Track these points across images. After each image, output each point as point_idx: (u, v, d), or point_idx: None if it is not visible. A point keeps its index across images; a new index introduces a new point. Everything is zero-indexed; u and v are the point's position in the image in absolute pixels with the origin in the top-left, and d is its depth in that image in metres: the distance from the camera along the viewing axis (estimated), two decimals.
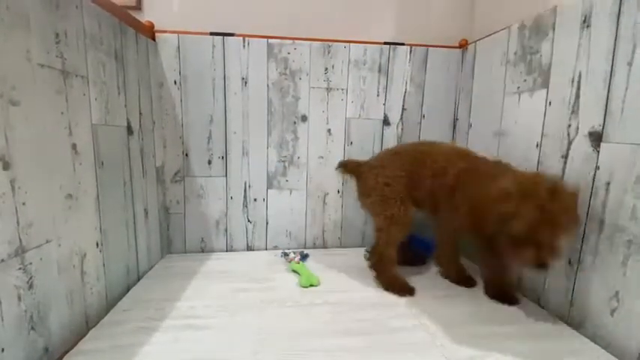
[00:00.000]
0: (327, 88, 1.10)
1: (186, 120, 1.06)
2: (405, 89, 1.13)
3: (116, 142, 0.79)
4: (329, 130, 1.12)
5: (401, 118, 1.15)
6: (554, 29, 0.75)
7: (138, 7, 1.03)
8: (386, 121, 1.14)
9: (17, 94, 0.51)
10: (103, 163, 0.73)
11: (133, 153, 0.86)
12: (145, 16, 1.03)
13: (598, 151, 0.66)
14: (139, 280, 0.89)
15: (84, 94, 0.66)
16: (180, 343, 0.63)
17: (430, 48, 1.12)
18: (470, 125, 1.08)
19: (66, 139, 0.62)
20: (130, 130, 0.84)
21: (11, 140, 0.50)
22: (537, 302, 0.80)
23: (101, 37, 0.72)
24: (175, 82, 1.04)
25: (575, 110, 0.70)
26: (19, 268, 0.51)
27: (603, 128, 0.65)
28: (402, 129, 1.15)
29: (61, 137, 0.61)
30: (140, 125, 0.90)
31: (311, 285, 0.87)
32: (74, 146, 0.64)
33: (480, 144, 1.02)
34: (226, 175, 1.10)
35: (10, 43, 0.49)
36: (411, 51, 1.11)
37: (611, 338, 0.63)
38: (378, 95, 1.13)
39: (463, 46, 1.12)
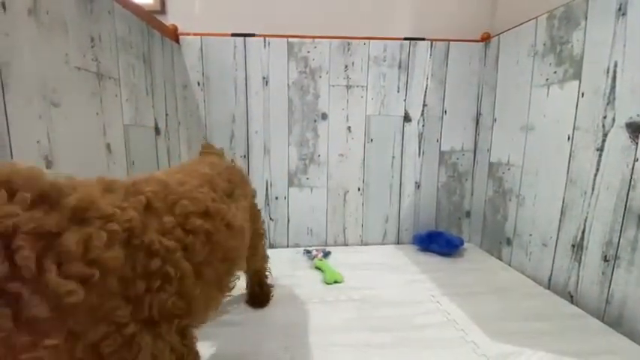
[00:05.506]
0: (347, 86, 1.10)
1: (209, 120, 1.08)
2: (426, 85, 1.12)
3: (145, 142, 0.81)
4: (349, 128, 1.12)
5: (422, 115, 1.13)
6: (586, 18, 0.73)
7: (162, 10, 1.06)
8: (407, 118, 1.13)
9: (58, 97, 0.53)
10: (133, 163, 0.75)
11: (161, 152, 0.88)
12: (169, 20, 1.05)
13: (637, 143, 0.63)
14: None
15: (116, 96, 0.69)
16: (211, 339, 0.64)
17: (451, 42, 1.10)
18: (494, 120, 1.05)
19: (101, 138, 0.64)
20: (157, 130, 0.86)
21: (53, 140, 0.52)
22: (570, 299, 0.77)
23: (131, 40, 0.74)
24: (199, 84, 1.06)
25: (610, 101, 0.68)
26: None
27: None
28: (423, 125, 1.14)
29: (97, 137, 0.63)
30: (166, 126, 0.92)
31: (335, 282, 0.87)
32: (108, 146, 0.66)
33: (506, 138, 1.00)
34: (248, 174, 1.12)
35: (50, 47, 0.52)
36: (431, 46, 1.10)
37: None
38: (398, 91, 1.12)
39: (485, 39, 1.10)
